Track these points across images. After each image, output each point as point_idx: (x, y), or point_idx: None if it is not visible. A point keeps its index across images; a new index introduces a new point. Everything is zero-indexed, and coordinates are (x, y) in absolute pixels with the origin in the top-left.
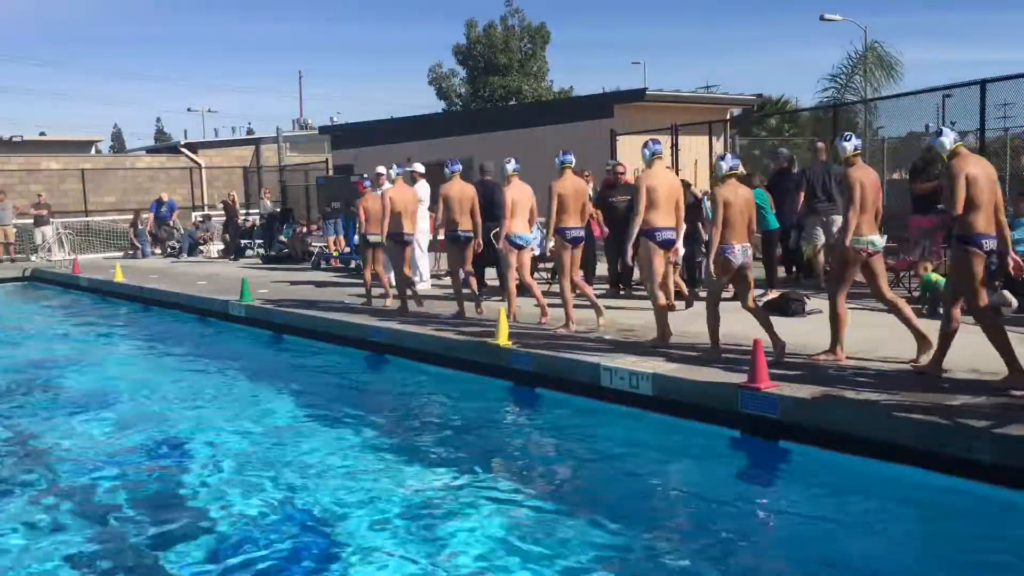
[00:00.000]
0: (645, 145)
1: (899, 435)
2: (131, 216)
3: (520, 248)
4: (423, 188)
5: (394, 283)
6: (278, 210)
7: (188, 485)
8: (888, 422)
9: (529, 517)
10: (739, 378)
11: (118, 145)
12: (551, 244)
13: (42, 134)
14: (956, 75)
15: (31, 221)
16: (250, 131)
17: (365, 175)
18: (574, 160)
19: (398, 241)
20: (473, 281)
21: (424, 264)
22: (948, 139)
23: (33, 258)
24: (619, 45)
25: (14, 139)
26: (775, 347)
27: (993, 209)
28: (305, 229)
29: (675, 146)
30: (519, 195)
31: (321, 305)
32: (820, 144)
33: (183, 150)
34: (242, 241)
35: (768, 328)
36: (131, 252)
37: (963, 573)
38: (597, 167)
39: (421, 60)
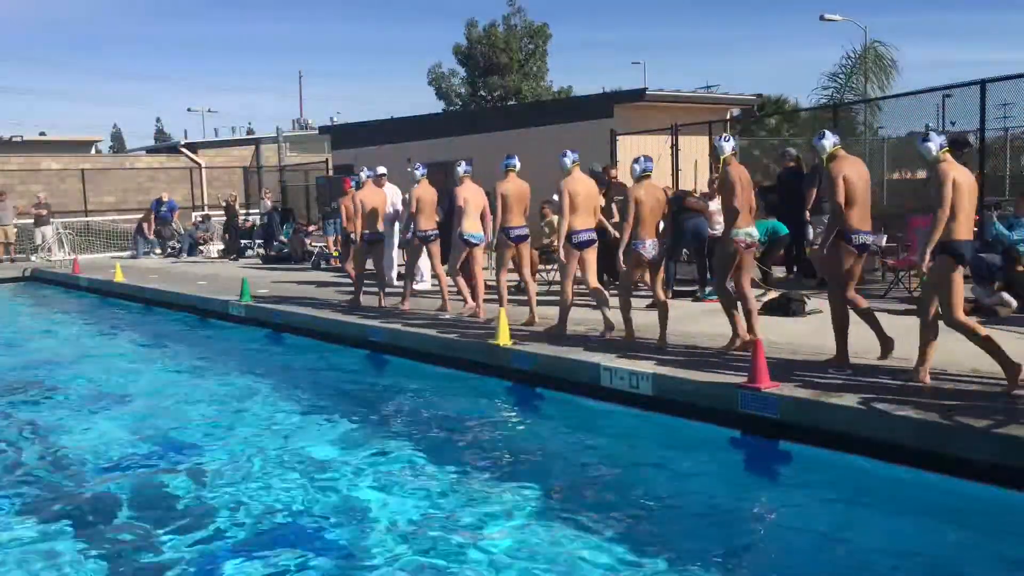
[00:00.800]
0: (563, 155)
1: (899, 435)
2: (133, 216)
3: (473, 246)
4: (390, 189)
5: (394, 282)
6: (278, 210)
7: (187, 484)
8: (888, 422)
9: (528, 517)
10: (739, 378)
11: (118, 145)
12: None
13: (42, 134)
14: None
15: (31, 221)
16: (250, 131)
17: (355, 173)
18: (518, 164)
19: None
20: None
21: (425, 264)
22: (828, 142)
23: (33, 258)
24: (619, 45)
25: (14, 139)
26: (658, 338)
27: (868, 208)
28: (307, 228)
29: (675, 146)
30: (471, 195)
31: (321, 305)
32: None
33: (183, 150)
34: (242, 241)
35: (663, 322)
36: (146, 251)
37: (963, 573)
38: None
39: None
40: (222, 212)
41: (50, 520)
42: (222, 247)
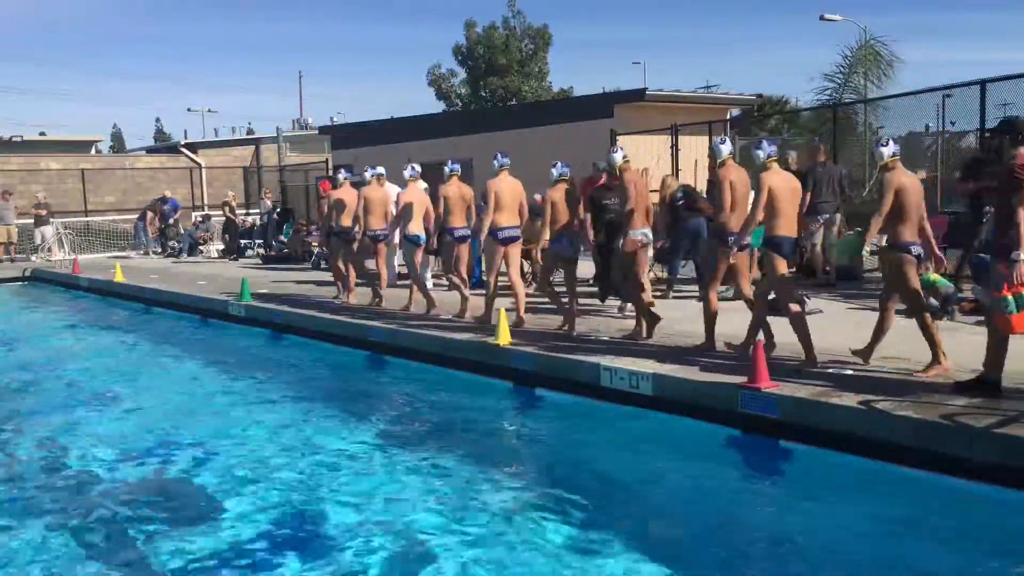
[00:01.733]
0: (494, 157)
1: (899, 435)
2: (132, 216)
3: (418, 246)
4: (393, 190)
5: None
6: (278, 210)
7: (186, 484)
8: (888, 422)
9: (528, 517)
10: (739, 378)
11: (118, 145)
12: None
13: (42, 134)
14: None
15: (31, 221)
16: (250, 131)
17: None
18: (460, 169)
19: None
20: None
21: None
22: (726, 148)
23: (33, 258)
24: (619, 45)
25: (14, 139)
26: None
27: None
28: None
29: (675, 146)
30: (415, 198)
31: (321, 305)
32: (821, 146)
33: (183, 150)
34: (242, 241)
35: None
36: (156, 251)
37: (963, 573)
38: None
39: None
40: (221, 212)
41: (49, 520)
42: (222, 247)
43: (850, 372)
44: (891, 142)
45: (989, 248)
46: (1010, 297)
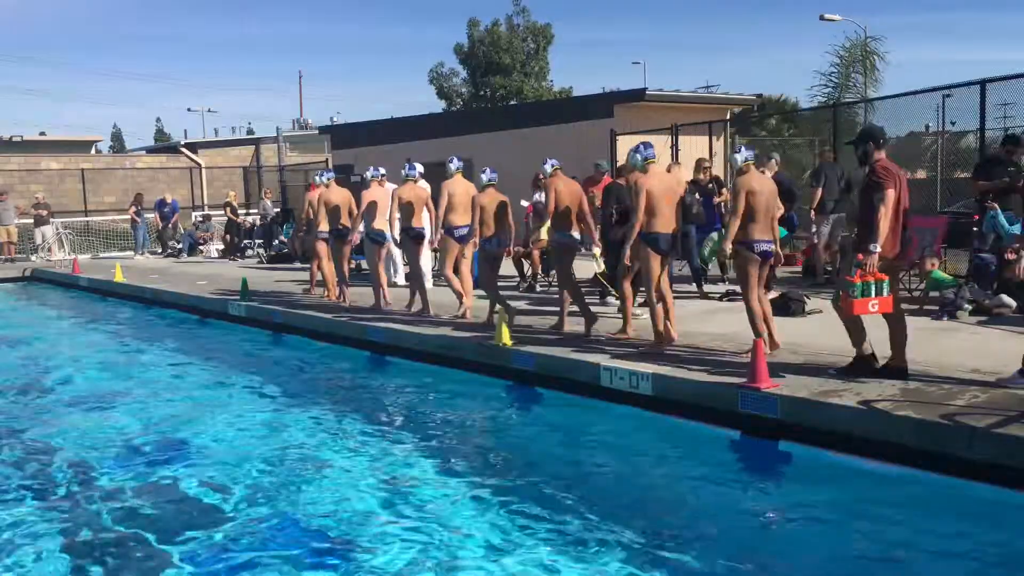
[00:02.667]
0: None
1: (899, 435)
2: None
3: (380, 244)
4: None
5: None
6: (277, 210)
7: (186, 484)
8: (888, 422)
9: (527, 517)
10: (739, 378)
11: (118, 145)
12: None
13: (42, 134)
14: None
15: (31, 221)
16: (250, 131)
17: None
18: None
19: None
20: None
21: (426, 263)
22: (640, 155)
23: (33, 258)
24: (619, 45)
25: (14, 139)
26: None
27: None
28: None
29: (675, 146)
30: (378, 197)
31: (321, 305)
32: (826, 148)
33: (183, 150)
34: (242, 241)
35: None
36: (153, 251)
37: (962, 573)
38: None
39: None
40: (223, 212)
41: (48, 520)
42: (222, 247)
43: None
44: (744, 148)
45: (982, 239)
46: (859, 284)
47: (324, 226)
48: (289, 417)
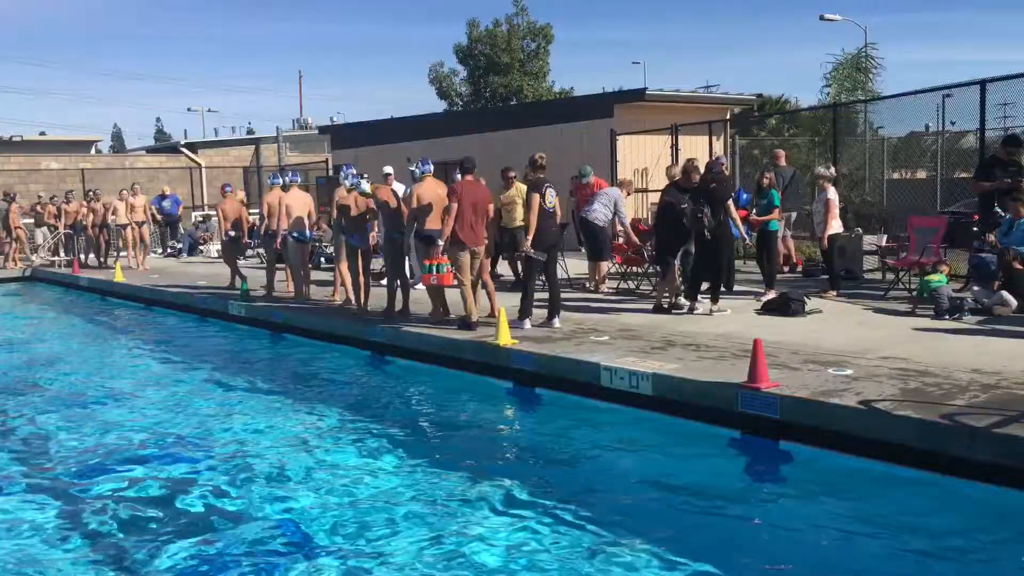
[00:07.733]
0: (413, 163)
1: (899, 435)
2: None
3: (303, 243)
4: (398, 189)
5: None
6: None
7: (185, 484)
8: (888, 422)
9: (527, 517)
10: (739, 378)
11: (118, 145)
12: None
13: (42, 134)
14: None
15: (31, 221)
16: (250, 131)
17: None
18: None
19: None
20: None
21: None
22: (418, 169)
23: (33, 258)
24: (619, 45)
25: (14, 139)
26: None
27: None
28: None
29: (675, 146)
30: (295, 201)
31: (321, 305)
32: (778, 151)
33: (183, 150)
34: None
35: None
36: (172, 251)
37: (962, 573)
38: (599, 167)
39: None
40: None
41: (48, 520)
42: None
43: (850, 372)
44: (423, 163)
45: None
46: (429, 264)
47: (285, 225)
48: (288, 417)
